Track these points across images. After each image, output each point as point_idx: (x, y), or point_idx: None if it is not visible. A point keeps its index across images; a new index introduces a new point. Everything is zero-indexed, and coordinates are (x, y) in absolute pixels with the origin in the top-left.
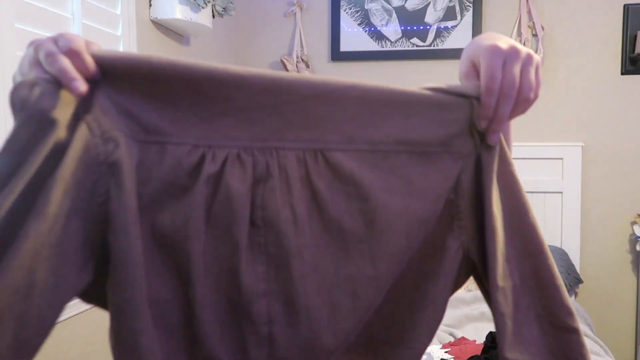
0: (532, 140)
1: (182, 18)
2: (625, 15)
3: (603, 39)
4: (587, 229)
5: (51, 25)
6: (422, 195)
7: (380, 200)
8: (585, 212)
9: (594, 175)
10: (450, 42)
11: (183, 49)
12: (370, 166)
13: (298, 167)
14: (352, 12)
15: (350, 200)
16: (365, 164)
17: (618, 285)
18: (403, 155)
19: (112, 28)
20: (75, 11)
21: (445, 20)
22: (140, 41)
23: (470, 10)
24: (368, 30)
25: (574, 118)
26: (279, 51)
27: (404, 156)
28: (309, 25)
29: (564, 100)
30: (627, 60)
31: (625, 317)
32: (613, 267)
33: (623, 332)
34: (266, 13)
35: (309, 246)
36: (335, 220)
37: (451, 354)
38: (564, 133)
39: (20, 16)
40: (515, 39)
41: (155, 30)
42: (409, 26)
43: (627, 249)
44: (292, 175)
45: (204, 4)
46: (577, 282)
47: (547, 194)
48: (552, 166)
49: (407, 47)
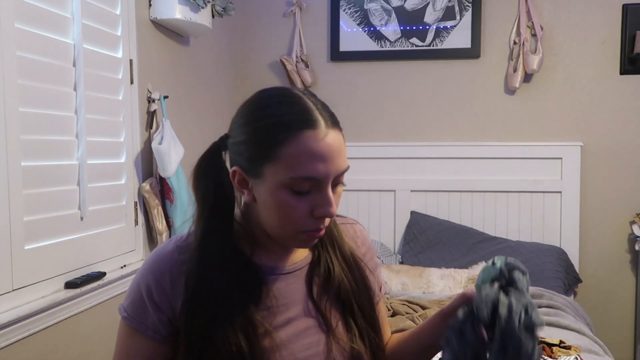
0: (531, 140)
1: (181, 18)
2: (624, 15)
3: (602, 39)
4: (586, 228)
5: (51, 25)
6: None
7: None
8: (584, 212)
9: (593, 175)
10: (450, 42)
11: (183, 49)
12: None
13: None
14: (351, 12)
15: None
16: None
17: (617, 284)
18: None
19: (112, 28)
20: (75, 11)
21: (444, 20)
22: (140, 41)
23: (470, 10)
24: (367, 30)
25: (573, 118)
26: (278, 51)
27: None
28: (309, 25)
29: (563, 100)
30: (626, 60)
31: (624, 316)
32: (612, 266)
33: (622, 331)
34: (266, 13)
35: None
36: None
37: None
38: (563, 133)
39: (20, 16)
40: (515, 39)
41: (155, 30)
42: (408, 26)
43: (625, 249)
44: None
45: (204, 4)
46: (576, 281)
47: (546, 194)
48: (551, 166)
49: (406, 47)
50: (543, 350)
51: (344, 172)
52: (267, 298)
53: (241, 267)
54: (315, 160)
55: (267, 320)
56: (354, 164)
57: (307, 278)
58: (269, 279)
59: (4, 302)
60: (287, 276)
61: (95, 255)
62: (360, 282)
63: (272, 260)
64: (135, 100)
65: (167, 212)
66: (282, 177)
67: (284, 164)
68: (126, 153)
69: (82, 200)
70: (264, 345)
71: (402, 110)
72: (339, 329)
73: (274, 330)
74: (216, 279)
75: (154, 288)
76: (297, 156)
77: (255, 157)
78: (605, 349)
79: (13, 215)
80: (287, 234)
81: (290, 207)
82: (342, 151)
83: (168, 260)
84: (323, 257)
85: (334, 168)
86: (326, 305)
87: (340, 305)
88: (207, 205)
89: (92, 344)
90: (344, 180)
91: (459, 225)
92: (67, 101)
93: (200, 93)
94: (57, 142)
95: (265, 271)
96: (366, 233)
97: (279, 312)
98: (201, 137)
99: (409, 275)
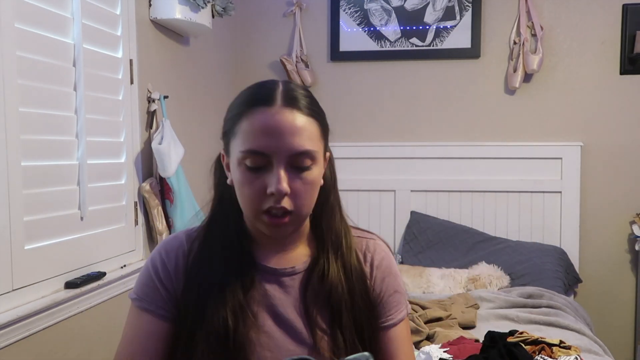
0: (531, 140)
1: (181, 18)
2: (624, 15)
3: (602, 38)
4: (586, 228)
5: (51, 25)
6: None
7: None
8: (584, 212)
9: (593, 175)
10: (450, 42)
11: (183, 49)
12: None
13: None
14: (351, 12)
15: None
16: None
17: (617, 284)
18: None
19: (112, 28)
20: (75, 11)
21: (444, 20)
22: (140, 41)
23: (470, 10)
24: (367, 30)
25: (573, 118)
26: (278, 51)
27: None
28: (309, 25)
29: (563, 100)
30: (626, 60)
31: (624, 316)
32: (612, 266)
33: (622, 331)
34: (266, 13)
35: None
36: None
37: (450, 353)
38: (563, 133)
39: (20, 16)
40: (515, 39)
41: (155, 30)
42: (408, 26)
43: (625, 249)
44: None
45: (204, 4)
46: (576, 281)
47: (546, 194)
48: (551, 166)
49: (406, 47)
50: (543, 350)
51: (300, 153)
52: (259, 294)
53: (239, 258)
54: (262, 135)
55: (256, 315)
56: (354, 164)
57: (302, 283)
58: (264, 277)
59: (4, 302)
60: (282, 278)
61: (95, 255)
62: (358, 296)
63: (270, 260)
64: (135, 100)
65: (167, 212)
66: (237, 152)
67: (240, 139)
68: (126, 153)
69: (82, 200)
70: (250, 334)
71: (402, 110)
72: (324, 342)
73: (262, 324)
74: (215, 261)
75: (160, 265)
76: (248, 131)
77: (225, 135)
78: (605, 349)
79: (13, 215)
80: (251, 215)
81: (246, 184)
82: (298, 132)
83: (176, 244)
84: (321, 259)
85: (284, 145)
86: (315, 312)
87: (329, 312)
88: (218, 194)
89: (92, 344)
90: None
91: (459, 225)
92: (67, 101)
93: (200, 93)
94: (57, 142)
95: (262, 269)
96: (382, 251)
97: (268, 311)
98: (201, 137)
99: (409, 275)
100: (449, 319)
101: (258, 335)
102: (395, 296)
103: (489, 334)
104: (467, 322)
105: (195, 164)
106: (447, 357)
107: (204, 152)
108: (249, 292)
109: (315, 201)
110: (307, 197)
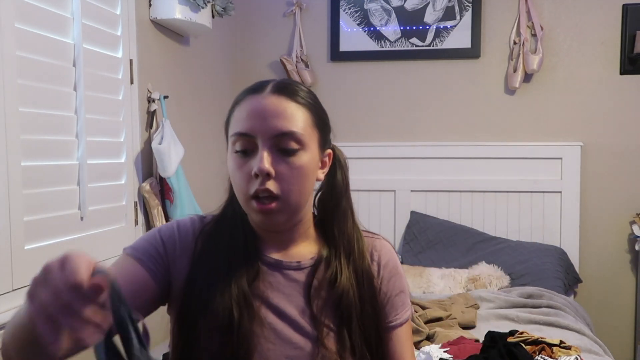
0: (531, 140)
1: (181, 18)
2: (624, 15)
3: (602, 38)
4: (586, 228)
5: (51, 25)
6: None
7: None
8: (584, 212)
9: (593, 175)
10: (450, 42)
11: (183, 49)
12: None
13: None
14: (351, 12)
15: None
16: None
17: (617, 284)
18: None
19: (112, 28)
20: (75, 11)
21: (444, 20)
22: (140, 41)
23: (470, 10)
24: (367, 30)
25: (572, 118)
26: (278, 51)
27: None
28: (309, 25)
29: (563, 100)
30: (626, 60)
31: (624, 316)
32: (612, 266)
33: (622, 331)
34: (266, 13)
35: None
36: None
37: (450, 353)
38: (563, 133)
39: (20, 16)
40: (515, 39)
41: (155, 30)
42: (408, 26)
43: (625, 249)
44: None
45: (204, 4)
46: (576, 281)
47: (546, 194)
48: (551, 166)
49: (406, 47)
50: (543, 350)
51: (283, 134)
52: (264, 285)
53: (244, 250)
54: (248, 118)
55: (260, 307)
56: (353, 164)
57: (307, 279)
58: (269, 269)
59: (4, 302)
60: (287, 271)
61: (95, 255)
62: (367, 302)
63: (275, 254)
64: (135, 100)
65: (167, 212)
66: (229, 139)
67: (231, 125)
68: (126, 153)
69: (82, 200)
70: (253, 325)
71: (402, 110)
72: (330, 338)
73: (264, 316)
74: (221, 251)
75: (169, 233)
76: (238, 117)
77: (225, 128)
78: (605, 349)
79: (13, 215)
80: (243, 203)
81: (237, 169)
82: (282, 114)
83: (189, 223)
84: (333, 263)
85: (268, 126)
86: (321, 310)
87: (338, 315)
88: (231, 192)
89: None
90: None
91: (459, 225)
92: (67, 101)
93: (200, 93)
94: (57, 142)
95: (266, 261)
96: (388, 251)
97: (272, 303)
98: (201, 137)
99: (409, 275)
100: (449, 319)
101: (261, 327)
102: (401, 296)
103: (489, 334)
104: (467, 322)
105: (195, 164)
106: (447, 357)
107: (204, 152)
108: (253, 283)
109: (307, 191)
110: (295, 182)
